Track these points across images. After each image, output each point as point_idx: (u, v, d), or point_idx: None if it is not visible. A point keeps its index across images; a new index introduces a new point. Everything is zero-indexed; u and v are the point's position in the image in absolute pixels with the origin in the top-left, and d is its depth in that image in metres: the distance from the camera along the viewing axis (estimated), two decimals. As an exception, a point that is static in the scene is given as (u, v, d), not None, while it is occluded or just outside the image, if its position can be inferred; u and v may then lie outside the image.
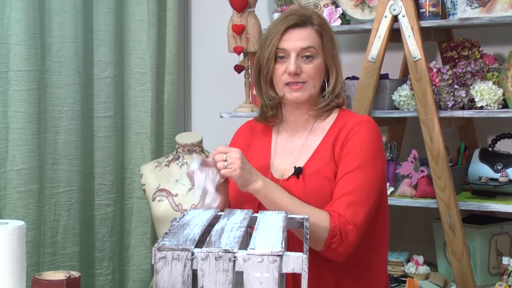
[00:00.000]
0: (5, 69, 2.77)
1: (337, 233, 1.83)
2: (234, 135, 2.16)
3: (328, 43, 1.99)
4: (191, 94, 3.69)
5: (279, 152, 2.04)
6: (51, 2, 2.90)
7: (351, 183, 1.88)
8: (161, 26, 3.33)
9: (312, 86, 1.97)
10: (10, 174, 2.78)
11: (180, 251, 1.33)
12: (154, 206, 2.97)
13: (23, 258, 1.97)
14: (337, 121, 2.01)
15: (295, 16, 1.98)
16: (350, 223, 1.84)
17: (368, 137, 1.95)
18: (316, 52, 1.97)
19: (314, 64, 1.96)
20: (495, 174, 2.76)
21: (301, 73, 1.96)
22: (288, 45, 1.96)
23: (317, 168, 1.94)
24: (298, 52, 1.95)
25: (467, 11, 2.65)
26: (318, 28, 1.98)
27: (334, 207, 1.87)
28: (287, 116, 2.05)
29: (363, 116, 2.06)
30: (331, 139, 1.97)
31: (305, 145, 2.01)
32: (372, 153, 1.93)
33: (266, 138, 2.09)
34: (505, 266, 2.72)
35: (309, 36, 1.97)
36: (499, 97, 2.65)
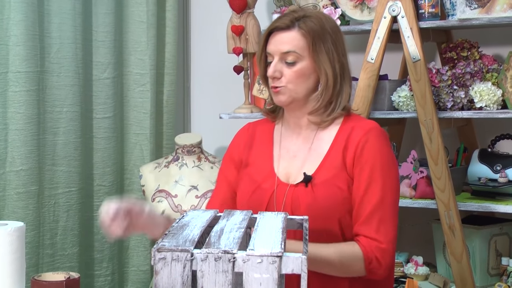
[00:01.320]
0: (4, 70, 2.77)
1: (372, 259, 1.84)
2: (234, 138, 2.14)
3: (313, 45, 1.92)
4: (190, 95, 3.69)
5: (284, 155, 2.01)
6: (50, 3, 2.90)
7: (373, 200, 1.87)
8: (160, 27, 3.33)
9: (293, 90, 1.93)
10: (9, 175, 2.78)
11: (180, 252, 1.33)
12: (153, 207, 2.97)
13: (22, 259, 1.97)
14: (343, 126, 1.97)
15: (284, 19, 1.95)
16: (383, 242, 1.86)
17: (380, 146, 1.93)
18: (299, 56, 1.92)
19: (296, 68, 1.93)
20: (494, 174, 2.76)
21: (281, 77, 1.93)
22: (271, 49, 1.95)
23: (327, 177, 1.91)
24: (280, 56, 1.93)
25: (466, 12, 2.65)
26: (304, 31, 1.93)
27: (364, 230, 1.87)
28: (288, 118, 2.04)
29: (370, 122, 2.01)
30: (340, 146, 1.94)
31: (311, 150, 1.97)
32: (386, 162, 1.92)
33: (268, 139, 2.06)
34: (505, 266, 2.72)
35: (292, 40, 1.93)
36: (498, 97, 2.65)
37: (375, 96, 2.83)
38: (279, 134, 2.05)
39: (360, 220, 1.88)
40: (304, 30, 1.93)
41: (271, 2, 3.31)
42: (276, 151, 2.02)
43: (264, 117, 2.12)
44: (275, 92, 1.95)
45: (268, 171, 1.98)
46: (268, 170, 1.98)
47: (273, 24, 1.96)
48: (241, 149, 2.07)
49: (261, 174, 1.99)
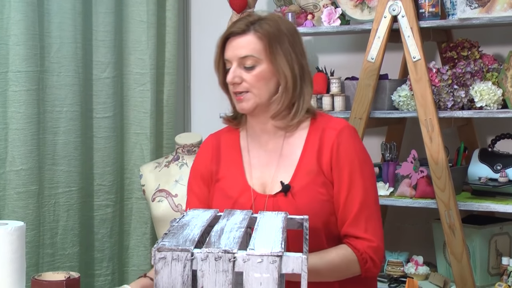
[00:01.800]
0: (4, 69, 2.77)
1: (367, 259, 1.86)
2: (199, 152, 2.09)
3: (270, 47, 1.90)
4: (190, 95, 3.69)
5: (255, 164, 1.97)
6: (50, 2, 2.90)
7: (357, 200, 1.88)
8: (160, 27, 3.33)
9: (256, 95, 1.91)
10: (9, 175, 2.78)
11: (180, 251, 1.33)
12: (153, 206, 2.97)
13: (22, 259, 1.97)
14: (312, 128, 1.95)
15: (239, 23, 1.93)
16: (373, 241, 1.87)
17: (354, 146, 1.92)
18: (257, 59, 1.90)
19: (255, 72, 1.90)
20: (494, 174, 2.76)
21: (241, 82, 1.91)
22: (228, 55, 1.92)
23: (304, 183, 1.89)
24: (238, 61, 1.91)
25: (467, 11, 2.65)
26: (260, 34, 1.89)
27: (352, 231, 1.87)
28: (253, 125, 2.00)
29: (340, 121, 1.97)
30: (313, 150, 1.92)
31: (283, 156, 1.95)
32: (363, 161, 1.92)
33: (235, 149, 2.02)
34: (505, 266, 2.72)
35: (248, 44, 1.90)
36: (498, 97, 2.65)
37: (376, 96, 2.84)
38: (245, 142, 2.02)
39: (347, 222, 1.88)
40: (260, 33, 1.90)
41: (271, 1, 3.31)
42: (246, 161, 1.99)
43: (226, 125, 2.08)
44: (238, 100, 1.92)
45: (242, 183, 1.95)
46: (242, 183, 1.95)
47: (228, 30, 1.94)
48: (208, 164, 2.03)
49: (235, 188, 1.95)
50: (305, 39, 3.38)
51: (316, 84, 2.94)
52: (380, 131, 3.14)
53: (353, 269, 1.86)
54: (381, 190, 2.84)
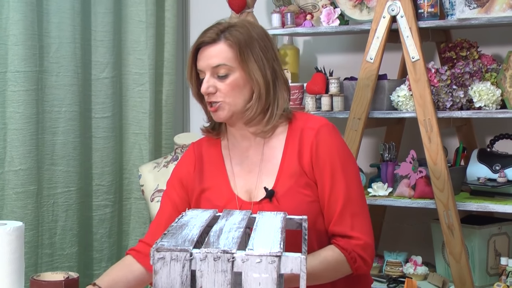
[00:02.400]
0: (3, 70, 2.77)
1: (356, 257, 1.85)
2: (181, 160, 2.08)
3: (241, 55, 1.88)
4: (189, 95, 3.68)
5: (238, 172, 1.96)
6: (49, 2, 2.90)
7: (340, 198, 1.87)
8: (159, 27, 3.32)
9: (231, 103, 1.89)
10: (8, 175, 2.78)
11: (179, 251, 1.33)
12: (152, 207, 2.97)
13: (21, 259, 1.97)
14: (291, 129, 1.94)
15: (208, 32, 1.90)
16: (360, 238, 1.86)
17: (333, 143, 1.91)
18: (230, 67, 1.88)
19: (229, 80, 1.88)
20: (493, 174, 2.76)
21: (216, 91, 1.89)
22: (200, 65, 1.90)
23: (288, 187, 1.88)
24: (211, 71, 1.89)
25: (465, 12, 2.65)
26: (231, 42, 1.88)
27: (339, 230, 1.86)
28: (233, 133, 1.98)
29: (318, 119, 1.96)
30: (294, 151, 1.91)
31: (264, 161, 1.94)
32: (343, 157, 1.91)
33: (217, 158, 2.01)
34: (504, 266, 2.72)
35: (219, 52, 1.88)
36: (497, 97, 2.66)
37: (374, 96, 2.84)
38: (227, 151, 2.01)
39: (332, 221, 1.88)
40: (230, 40, 1.88)
41: (270, 1, 3.31)
42: (229, 169, 1.98)
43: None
44: (213, 110, 1.91)
45: (227, 192, 1.95)
46: (227, 192, 1.95)
47: (198, 40, 1.92)
48: (192, 174, 2.01)
49: (221, 197, 1.94)
50: (304, 39, 3.38)
51: (315, 84, 2.95)
52: (379, 131, 3.15)
53: (343, 269, 1.86)
54: (380, 190, 2.84)
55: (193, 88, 1.96)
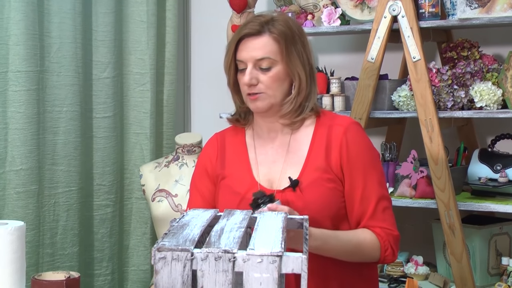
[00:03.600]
0: (4, 69, 2.77)
1: (388, 247, 1.92)
2: (203, 150, 2.10)
3: (286, 49, 1.91)
4: (190, 95, 3.69)
5: (262, 161, 1.98)
6: (50, 2, 2.90)
7: (374, 194, 1.92)
8: (160, 27, 3.32)
9: (271, 95, 1.92)
10: (9, 175, 2.78)
11: (180, 251, 1.33)
12: (153, 206, 2.97)
13: (22, 259, 1.97)
14: (318, 125, 1.97)
15: (252, 24, 1.92)
16: (393, 230, 1.93)
17: (363, 142, 1.96)
18: (274, 61, 1.91)
19: (271, 73, 1.91)
20: (494, 174, 2.76)
21: (257, 83, 1.91)
22: (243, 56, 1.92)
23: (312, 179, 1.90)
24: (254, 63, 1.91)
25: (467, 12, 2.65)
26: (276, 35, 1.90)
27: (373, 223, 1.91)
28: (260, 123, 2.01)
29: (345, 118, 2.01)
30: (321, 147, 1.93)
31: (290, 152, 1.96)
32: (373, 155, 1.96)
33: (241, 147, 2.03)
34: (505, 266, 2.72)
35: (264, 45, 1.91)
36: (498, 97, 2.65)
37: (375, 96, 2.84)
38: (252, 140, 2.03)
39: (366, 216, 1.92)
40: (275, 34, 1.91)
41: (272, 1, 3.31)
42: (252, 158, 2.00)
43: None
44: (253, 99, 1.93)
45: (249, 180, 1.96)
46: (249, 179, 1.96)
47: (242, 31, 1.93)
48: (214, 162, 2.04)
49: (242, 185, 1.96)
50: (305, 39, 3.38)
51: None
52: (380, 131, 3.14)
53: (373, 254, 1.91)
54: (381, 190, 2.84)
55: (229, 77, 1.97)
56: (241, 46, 1.93)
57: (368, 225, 1.92)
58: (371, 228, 1.91)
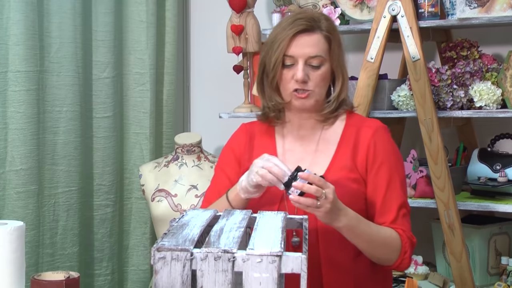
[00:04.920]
0: (3, 69, 2.77)
1: (407, 249, 1.89)
2: (231, 140, 2.10)
3: (335, 48, 1.94)
4: (190, 95, 3.69)
5: (289, 158, 1.98)
6: (50, 2, 2.90)
7: (399, 197, 1.91)
8: (160, 27, 3.33)
9: (318, 93, 1.93)
10: (9, 175, 2.79)
11: (179, 251, 1.33)
12: (153, 206, 2.97)
13: (22, 259, 1.97)
14: (347, 125, 1.98)
15: (304, 20, 1.91)
16: (413, 236, 1.92)
17: (389, 145, 1.97)
18: (324, 59, 1.92)
19: (321, 71, 1.91)
20: (494, 174, 2.76)
21: (308, 80, 1.91)
22: (296, 52, 1.90)
23: (337, 178, 1.89)
24: (306, 60, 1.90)
25: (466, 11, 2.65)
26: (327, 34, 1.92)
27: (398, 224, 1.90)
28: (293, 120, 2.01)
29: (375, 120, 2.02)
30: (349, 147, 1.94)
31: (317, 151, 1.97)
32: (398, 158, 1.97)
33: (269, 140, 2.03)
34: (504, 266, 2.72)
35: (317, 43, 1.91)
36: (498, 97, 2.65)
37: (375, 96, 2.83)
38: (281, 136, 2.03)
39: (388, 220, 1.90)
40: (326, 32, 1.92)
41: (271, 1, 3.31)
42: (280, 154, 1.99)
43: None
44: (302, 97, 1.92)
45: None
46: None
47: (296, 27, 1.91)
48: (243, 148, 2.04)
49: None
50: (305, 39, 3.37)
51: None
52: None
53: (394, 253, 1.89)
54: (380, 190, 2.84)
55: (276, 73, 1.93)
56: (293, 42, 1.91)
57: (391, 227, 1.91)
58: (394, 228, 1.90)
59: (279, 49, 1.91)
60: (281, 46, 1.91)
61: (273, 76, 1.94)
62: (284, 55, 1.91)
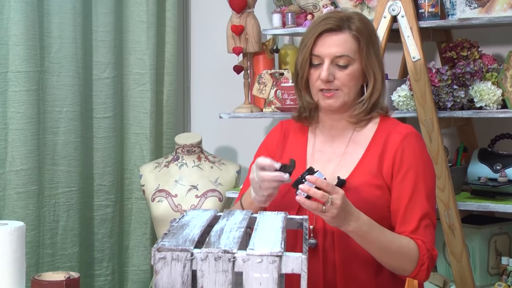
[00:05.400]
0: (4, 70, 2.77)
1: (426, 262, 1.84)
2: (267, 137, 2.10)
3: (365, 48, 1.90)
4: (190, 95, 3.69)
5: (318, 158, 1.97)
6: (50, 3, 2.90)
7: (423, 206, 1.86)
8: (160, 27, 3.33)
9: (346, 93, 1.90)
10: (9, 175, 2.79)
11: (180, 251, 1.33)
12: (153, 206, 2.97)
13: (22, 259, 1.97)
14: (379, 130, 1.95)
15: (332, 19, 1.90)
16: (434, 248, 1.86)
17: (419, 152, 1.91)
18: (351, 59, 1.89)
19: (348, 71, 1.89)
20: (494, 174, 2.76)
21: (334, 80, 1.89)
22: (321, 51, 1.89)
23: (361, 182, 1.87)
24: (332, 59, 1.88)
25: (466, 12, 2.65)
26: (356, 33, 1.89)
27: (418, 234, 1.85)
28: (324, 120, 1.99)
29: (407, 126, 1.98)
30: (377, 152, 1.91)
31: (346, 153, 1.95)
32: (426, 167, 1.91)
33: (302, 137, 2.02)
34: (505, 266, 2.72)
35: (344, 42, 1.89)
36: (498, 97, 2.65)
37: (375, 96, 2.83)
38: (313, 136, 2.02)
39: (409, 229, 1.85)
40: (355, 32, 1.90)
41: (271, 1, 3.31)
42: (309, 154, 1.99)
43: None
44: (328, 97, 1.90)
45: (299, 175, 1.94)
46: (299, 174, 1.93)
47: (322, 26, 1.90)
48: (275, 145, 2.04)
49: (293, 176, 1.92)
50: (305, 39, 3.37)
51: (316, 84, 2.94)
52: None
53: (410, 264, 1.83)
54: (380, 190, 2.84)
55: (304, 72, 1.92)
56: (318, 41, 1.90)
57: (410, 237, 1.86)
58: (414, 239, 1.85)
59: (306, 48, 1.91)
60: (308, 45, 1.90)
61: (302, 75, 1.93)
62: (311, 54, 1.90)
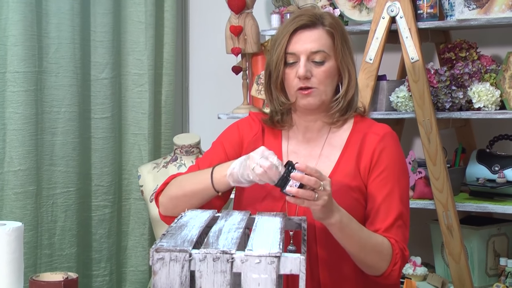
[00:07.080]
0: (2, 70, 2.77)
1: (398, 261, 1.82)
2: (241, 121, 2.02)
3: (340, 44, 1.89)
4: (188, 95, 3.69)
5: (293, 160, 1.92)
6: (48, 3, 2.90)
7: (397, 206, 1.84)
8: (158, 27, 3.33)
9: (323, 91, 1.88)
10: (7, 175, 2.78)
11: (178, 252, 1.33)
12: (152, 207, 2.97)
13: (20, 259, 1.97)
14: (354, 130, 1.93)
15: (305, 16, 1.88)
16: (406, 249, 1.84)
17: (395, 153, 1.90)
18: (327, 55, 1.87)
19: (325, 67, 1.87)
20: (492, 175, 2.76)
21: (311, 77, 1.86)
22: (297, 48, 1.86)
23: (340, 185, 1.85)
24: (308, 56, 1.86)
25: (465, 13, 2.65)
26: (329, 29, 1.88)
27: (391, 233, 1.83)
28: (298, 122, 1.96)
29: (383, 126, 1.95)
30: (353, 153, 1.90)
31: (322, 156, 1.92)
32: (402, 168, 1.91)
33: (276, 141, 1.98)
34: (503, 267, 2.72)
35: (319, 38, 1.87)
36: (496, 98, 2.66)
37: (374, 97, 2.84)
38: (286, 138, 1.98)
39: (382, 228, 1.84)
40: (328, 27, 1.88)
41: (270, 2, 3.31)
42: (285, 155, 1.95)
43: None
44: (305, 94, 1.87)
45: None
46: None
47: (296, 23, 1.87)
48: (252, 135, 1.99)
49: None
50: (303, 40, 3.37)
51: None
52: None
53: (384, 262, 1.81)
54: (379, 191, 2.84)
55: (278, 72, 1.89)
56: (293, 38, 1.88)
57: (383, 235, 1.84)
58: (387, 237, 1.83)
59: (280, 47, 1.88)
60: (282, 44, 1.88)
61: (277, 75, 1.90)
62: (285, 52, 1.87)
